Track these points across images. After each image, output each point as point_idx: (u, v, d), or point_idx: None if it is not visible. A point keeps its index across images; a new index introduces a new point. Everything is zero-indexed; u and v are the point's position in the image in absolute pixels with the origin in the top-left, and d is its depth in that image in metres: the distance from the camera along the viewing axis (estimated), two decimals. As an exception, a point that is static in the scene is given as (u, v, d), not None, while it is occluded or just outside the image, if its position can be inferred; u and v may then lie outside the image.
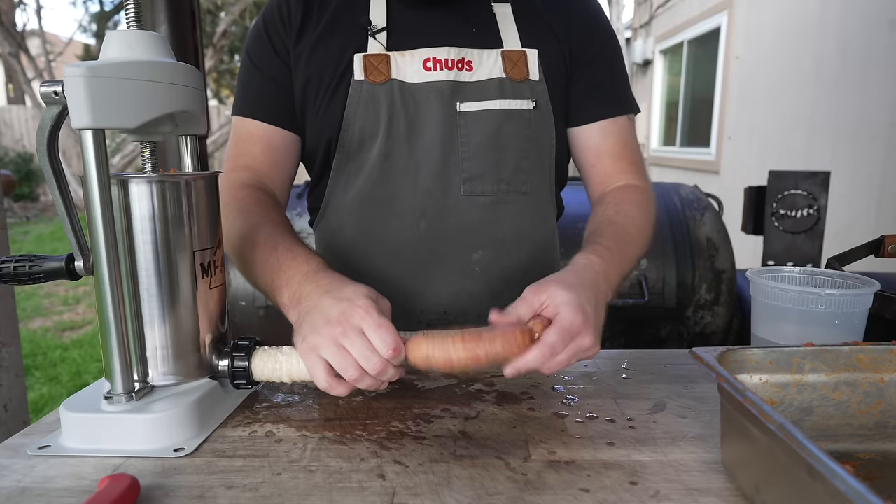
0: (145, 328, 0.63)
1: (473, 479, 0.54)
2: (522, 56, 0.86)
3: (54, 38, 13.76)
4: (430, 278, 0.89)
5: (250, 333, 0.73)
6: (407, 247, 0.88)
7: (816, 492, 0.38)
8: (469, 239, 0.88)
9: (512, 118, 0.86)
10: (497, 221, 0.88)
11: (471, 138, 0.85)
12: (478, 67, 0.85)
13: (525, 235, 0.91)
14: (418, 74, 0.84)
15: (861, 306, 0.75)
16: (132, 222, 0.61)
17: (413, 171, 0.86)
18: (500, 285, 0.90)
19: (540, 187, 0.92)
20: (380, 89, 0.84)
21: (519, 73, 0.86)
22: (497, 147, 0.86)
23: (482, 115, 0.85)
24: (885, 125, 3.10)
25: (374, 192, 0.87)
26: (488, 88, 0.85)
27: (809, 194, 1.87)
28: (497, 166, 0.86)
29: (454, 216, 0.87)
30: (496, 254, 0.89)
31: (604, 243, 0.76)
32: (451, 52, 0.84)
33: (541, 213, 0.93)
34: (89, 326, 4.15)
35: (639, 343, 1.89)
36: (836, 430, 0.59)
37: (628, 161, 0.92)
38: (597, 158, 0.92)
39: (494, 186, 0.87)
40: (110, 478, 0.51)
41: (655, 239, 1.88)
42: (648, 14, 7.39)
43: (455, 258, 0.88)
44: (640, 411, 0.68)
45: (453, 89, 0.84)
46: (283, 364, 0.67)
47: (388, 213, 0.87)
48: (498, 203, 0.88)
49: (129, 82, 0.56)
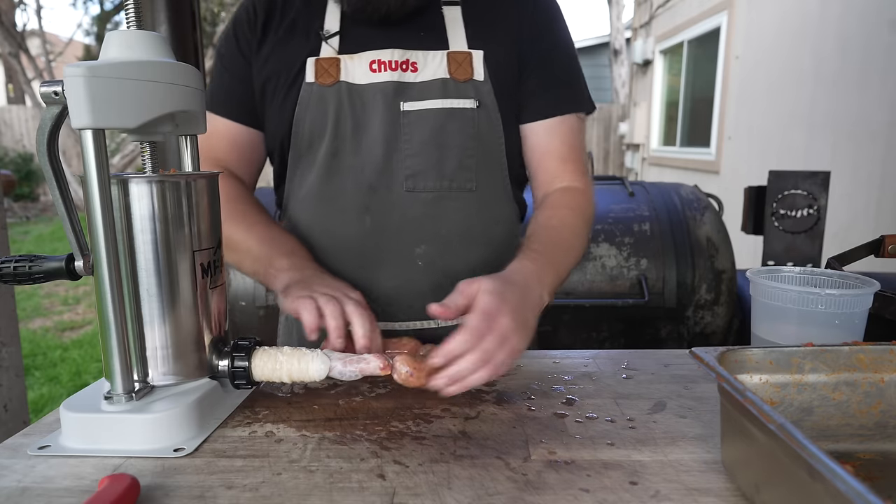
0: (145, 328, 0.63)
1: (473, 479, 0.54)
2: (468, 57, 0.89)
3: (54, 38, 13.77)
4: (375, 272, 0.92)
5: (250, 333, 0.73)
6: (353, 241, 0.91)
7: (816, 492, 0.38)
8: (411, 234, 0.90)
9: (454, 117, 0.88)
10: (439, 217, 0.90)
11: (413, 136, 0.88)
12: (423, 68, 0.88)
13: (471, 233, 0.92)
14: (365, 76, 0.88)
15: (861, 306, 0.75)
16: (132, 222, 0.61)
17: (358, 168, 0.89)
18: (444, 281, 0.91)
19: (489, 186, 0.93)
20: (328, 91, 0.88)
21: (463, 74, 0.88)
22: (439, 145, 0.88)
23: (425, 114, 0.88)
24: (884, 125, 3.10)
25: (323, 188, 0.91)
26: (432, 88, 0.88)
27: (809, 194, 1.87)
28: (439, 164, 0.89)
29: (397, 211, 0.90)
30: (439, 249, 0.91)
31: (537, 248, 0.80)
32: (395, 53, 0.88)
33: (490, 211, 0.94)
34: (89, 326, 4.15)
35: (639, 343, 1.89)
36: (836, 430, 0.59)
37: (573, 163, 0.94)
38: (542, 158, 0.94)
39: (437, 183, 0.89)
40: (110, 478, 0.51)
41: (655, 239, 1.90)
42: (648, 14, 7.39)
43: (398, 252, 0.91)
44: (640, 411, 0.68)
45: (397, 89, 0.87)
46: (283, 364, 0.67)
47: (335, 209, 0.91)
48: (440, 199, 0.90)
49: (129, 82, 0.56)
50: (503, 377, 0.78)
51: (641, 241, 1.89)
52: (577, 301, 1.83)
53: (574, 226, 0.88)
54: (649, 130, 7.58)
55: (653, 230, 1.90)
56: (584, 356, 0.86)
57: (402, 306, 0.92)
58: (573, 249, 0.86)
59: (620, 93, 9.95)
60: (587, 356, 0.86)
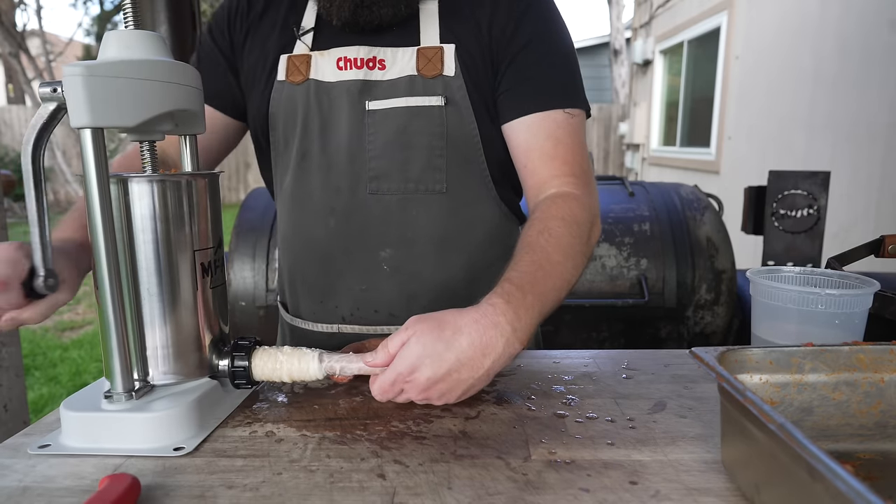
0: (145, 328, 0.63)
1: (473, 479, 0.54)
2: (438, 52, 0.84)
3: (54, 38, 13.76)
4: (342, 275, 0.90)
5: (250, 333, 0.73)
6: (320, 243, 0.90)
7: (816, 492, 0.38)
8: (375, 238, 0.88)
9: (420, 115, 0.84)
10: (405, 221, 0.87)
11: (378, 137, 0.85)
12: (391, 66, 0.85)
13: (441, 237, 0.88)
14: (333, 73, 0.85)
15: (861, 306, 0.75)
16: (132, 222, 0.61)
17: (325, 169, 0.87)
18: (413, 286, 0.89)
19: (462, 187, 0.87)
20: (297, 90, 0.86)
21: (432, 70, 0.84)
22: (404, 145, 0.85)
23: (389, 114, 0.84)
24: (884, 125, 3.10)
25: (295, 189, 0.90)
26: (398, 86, 0.84)
27: (809, 194, 1.87)
28: (404, 165, 0.85)
29: (361, 214, 0.87)
30: (406, 254, 0.88)
31: (514, 279, 0.69)
32: (360, 50, 0.84)
33: (465, 214, 0.88)
34: (89, 326, 4.15)
35: (639, 343, 1.89)
36: (836, 430, 0.59)
37: (562, 161, 0.82)
38: (527, 159, 0.85)
39: (401, 185, 0.86)
40: (110, 477, 0.51)
41: (655, 239, 1.90)
42: (648, 14, 7.39)
43: (363, 256, 0.89)
44: (640, 411, 0.68)
45: (362, 88, 0.85)
46: (284, 364, 0.67)
47: (304, 210, 0.90)
48: (406, 202, 0.86)
49: (128, 81, 0.56)
50: (503, 377, 0.78)
51: (641, 241, 1.89)
52: (577, 301, 1.83)
53: (565, 241, 0.74)
54: (649, 130, 7.57)
55: (653, 230, 1.90)
56: (584, 356, 0.86)
57: (369, 311, 0.90)
58: (563, 269, 0.73)
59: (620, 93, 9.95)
60: (587, 356, 0.86)
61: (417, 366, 0.62)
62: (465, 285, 0.90)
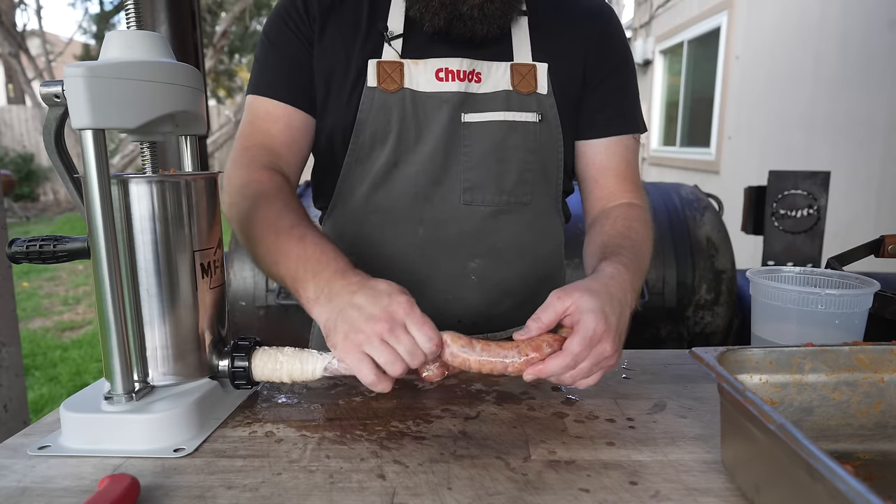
0: (145, 328, 0.63)
1: (473, 479, 0.54)
2: (532, 69, 0.87)
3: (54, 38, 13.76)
4: (426, 284, 0.89)
5: (250, 333, 0.73)
6: (404, 252, 0.89)
7: (816, 492, 0.38)
8: (466, 248, 0.89)
9: (516, 130, 0.86)
10: (496, 232, 0.89)
11: (474, 149, 0.86)
12: (486, 79, 0.86)
13: (524, 246, 0.91)
14: (430, 84, 0.85)
15: (861, 306, 0.75)
16: (132, 222, 0.61)
17: (416, 178, 0.86)
18: (496, 294, 0.91)
19: (543, 199, 0.92)
20: (391, 98, 0.85)
21: (526, 86, 0.86)
22: (500, 158, 0.87)
23: (487, 127, 0.86)
24: (884, 125, 3.10)
25: (377, 198, 0.88)
26: (495, 100, 0.86)
27: (809, 194, 1.87)
28: (499, 177, 0.87)
29: (452, 225, 0.88)
30: (493, 263, 0.90)
31: (626, 255, 0.77)
32: (462, 63, 0.85)
33: (543, 224, 0.94)
34: (89, 326, 4.15)
35: (639, 343, 1.88)
36: (836, 430, 0.59)
37: (631, 181, 0.93)
38: (600, 174, 0.93)
39: (495, 197, 0.88)
40: (110, 478, 0.51)
41: (655, 239, 1.89)
42: (648, 14, 7.39)
43: (451, 266, 0.89)
44: (640, 411, 0.68)
45: (462, 100, 0.85)
46: (284, 364, 0.67)
47: (388, 220, 0.89)
48: (497, 214, 0.88)
49: (129, 82, 0.56)
50: (503, 377, 0.78)
51: (641, 241, 1.88)
52: (577, 301, 1.83)
53: (647, 239, 0.86)
54: (649, 130, 7.57)
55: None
56: (584, 356, 0.86)
57: (452, 320, 0.90)
58: (647, 261, 0.85)
59: (620, 93, 9.92)
60: (587, 356, 0.86)
61: (605, 312, 0.64)
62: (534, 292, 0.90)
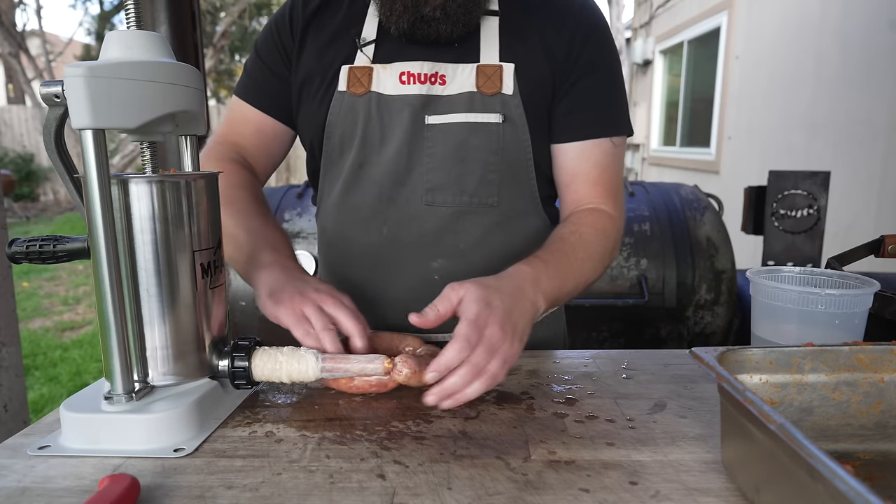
0: (145, 328, 0.63)
1: (473, 479, 0.54)
2: (498, 70, 0.86)
3: (54, 38, 13.76)
4: (391, 283, 0.92)
5: (250, 333, 0.73)
6: (370, 252, 0.92)
7: (816, 492, 0.38)
8: (428, 248, 0.90)
9: (478, 131, 0.86)
10: (457, 232, 0.89)
11: (436, 150, 0.87)
12: (451, 81, 0.86)
13: (491, 248, 0.91)
14: (395, 87, 0.87)
15: (861, 306, 0.75)
16: (132, 222, 0.61)
17: (381, 179, 0.89)
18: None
19: (513, 201, 0.91)
20: (359, 101, 0.87)
21: (491, 87, 0.86)
22: (461, 159, 0.87)
23: (449, 129, 0.86)
24: (884, 125, 3.10)
25: (347, 198, 0.92)
26: (458, 102, 0.86)
27: (809, 194, 1.87)
28: (460, 178, 0.88)
29: (415, 225, 0.89)
30: (457, 264, 0.90)
31: (541, 255, 0.78)
32: (424, 66, 0.86)
33: (514, 226, 0.92)
34: (89, 326, 4.15)
35: (639, 343, 1.89)
36: (836, 430, 0.59)
37: (603, 187, 0.90)
38: (571, 180, 0.91)
39: (457, 198, 0.88)
40: (110, 478, 0.51)
41: (655, 239, 1.90)
42: (648, 14, 7.39)
43: (414, 265, 0.91)
44: (640, 411, 0.68)
45: (424, 102, 0.86)
46: (283, 364, 0.67)
47: (356, 219, 0.92)
48: (460, 215, 0.89)
49: (129, 82, 0.56)
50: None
51: (641, 241, 1.89)
52: (578, 301, 1.83)
53: (592, 245, 0.83)
54: (649, 130, 7.57)
55: (653, 230, 1.91)
56: (584, 356, 0.86)
57: None
58: (584, 265, 0.82)
59: (620, 93, 9.94)
60: (587, 356, 0.86)
61: (488, 300, 0.65)
62: None
